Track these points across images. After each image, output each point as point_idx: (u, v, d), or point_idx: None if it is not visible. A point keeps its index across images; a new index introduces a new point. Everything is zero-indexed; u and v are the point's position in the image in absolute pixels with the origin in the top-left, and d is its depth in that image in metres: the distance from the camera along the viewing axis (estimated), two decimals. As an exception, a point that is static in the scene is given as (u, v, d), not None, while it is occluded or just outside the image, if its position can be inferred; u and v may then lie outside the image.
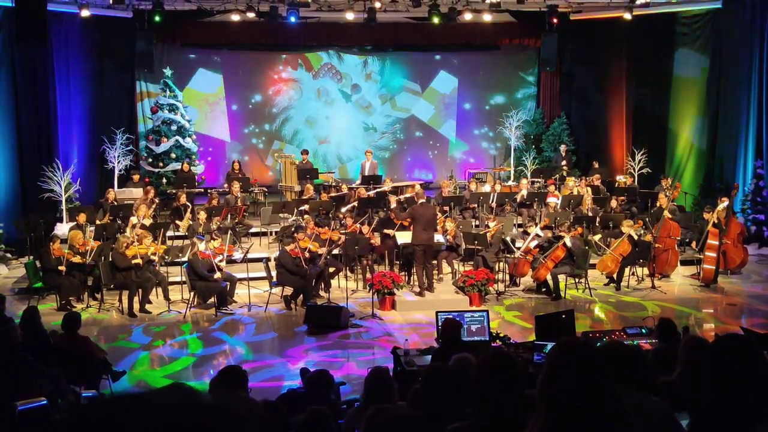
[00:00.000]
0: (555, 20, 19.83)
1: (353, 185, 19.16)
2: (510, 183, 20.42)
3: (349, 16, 19.53)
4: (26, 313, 9.57)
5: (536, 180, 20.18)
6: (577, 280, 14.71)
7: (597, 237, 15.51)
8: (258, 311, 13.72)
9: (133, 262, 13.58)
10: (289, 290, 13.94)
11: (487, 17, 20.07)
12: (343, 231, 15.42)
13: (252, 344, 12.10)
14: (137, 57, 19.76)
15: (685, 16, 20.08)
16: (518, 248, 14.91)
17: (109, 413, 1.48)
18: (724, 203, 15.69)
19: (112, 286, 13.78)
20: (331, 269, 14.87)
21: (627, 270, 15.13)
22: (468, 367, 5.29)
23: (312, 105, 23.77)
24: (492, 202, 17.76)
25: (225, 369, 5.64)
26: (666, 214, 15.64)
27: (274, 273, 13.92)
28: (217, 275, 13.79)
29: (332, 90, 23.89)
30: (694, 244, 16.32)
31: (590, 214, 16.84)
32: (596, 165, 20.74)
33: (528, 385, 3.30)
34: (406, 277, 14.88)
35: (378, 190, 18.04)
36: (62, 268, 13.52)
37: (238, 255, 15.11)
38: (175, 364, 11.15)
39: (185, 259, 14.03)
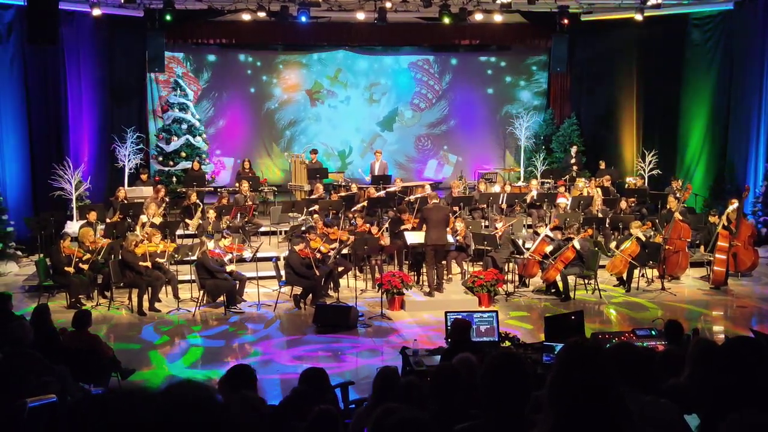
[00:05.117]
0: (566, 21, 19.81)
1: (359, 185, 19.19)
2: (520, 184, 20.39)
3: (360, 16, 19.54)
4: (36, 311, 9.61)
5: (546, 181, 20.14)
6: (586, 281, 14.68)
7: (613, 244, 15.43)
8: (267, 310, 13.75)
9: (142, 264, 13.60)
10: (298, 289, 13.96)
11: (497, 18, 20.05)
12: (353, 230, 15.43)
13: (261, 343, 12.12)
14: (148, 56, 19.81)
15: (697, 17, 20.03)
16: (528, 249, 14.88)
17: (118, 407, 1.48)
18: (733, 205, 15.66)
19: (121, 284, 13.83)
20: (340, 269, 14.87)
21: (637, 272, 15.09)
22: (470, 367, 5.30)
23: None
24: (502, 202, 17.74)
25: (233, 368, 5.64)
26: (677, 215, 15.59)
27: (283, 272, 13.93)
28: (229, 268, 13.83)
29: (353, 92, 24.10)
30: (702, 249, 16.29)
31: (600, 215, 16.80)
32: (603, 165, 20.69)
33: (536, 386, 3.30)
34: (415, 277, 14.88)
35: (388, 190, 18.05)
36: (70, 269, 13.54)
37: (247, 254, 15.14)
38: (184, 363, 11.17)
39: (194, 257, 14.06)
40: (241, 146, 23.19)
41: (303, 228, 15.64)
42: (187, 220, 16.61)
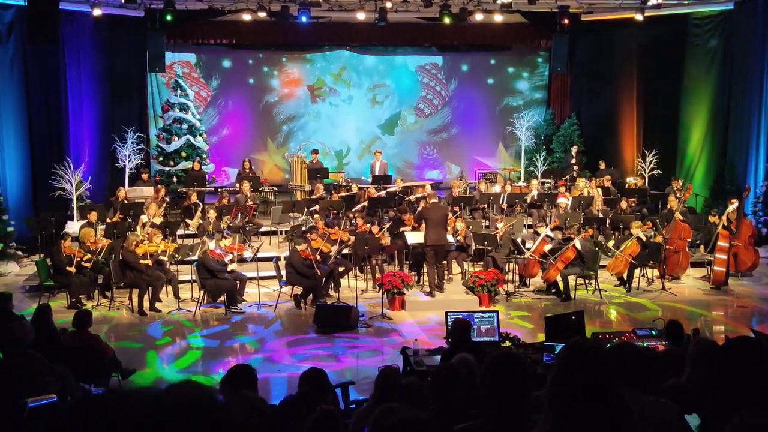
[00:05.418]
0: (566, 21, 19.79)
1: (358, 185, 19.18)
2: (520, 184, 20.40)
3: (360, 16, 19.53)
4: (38, 311, 9.61)
5: (546, 181, 20.14)
6: (587, 281, 14.68)
7: (611, 243, 15.46)
8: (268, 310, 13.75)
9: (142, 262, 13.63)
10: (298, 289, 13.96)
11: (498, 18, 20.04)
12: (352, 230, 15.43)
13: (261, 343, 12.12)
14: (148, 56, 19.81)
15: (697, 17, 20.02)
16: (528, 249, 14.88)
17: (118, 407, 1.48)
18: (733, 205, 15.66)
19: (122, 284, 13.83)
20: (341, 269, 14.88)
21: (637, 272, 15.09)
22: (470, 367, 5.30)
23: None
24: (502, 202, 17.74)
25: (234, 368, 5.65)
26: (677, 215, 15.59)
27: (283, 272, 13.94)
28: (231, 267, 13.85)
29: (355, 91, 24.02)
30: (702, 249, 16.31)
31: (600, 215, 16.81)
32: (602, 165, 20.70)
33: (537, 386, 3.30)
34: (416, 277, 14.88)
35: (389, 189, 18.05)
36: (71, 269, 13.55)
37: (248, 254, 15.14)
38: (185, 363, 11.17)
39: (195, 257, 14.06)
40: (243, 152, 23.13)
41: (304, 228, 15.64)
42: (187, 220, 16.61)
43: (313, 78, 23.73)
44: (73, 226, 16.66)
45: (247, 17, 19.80)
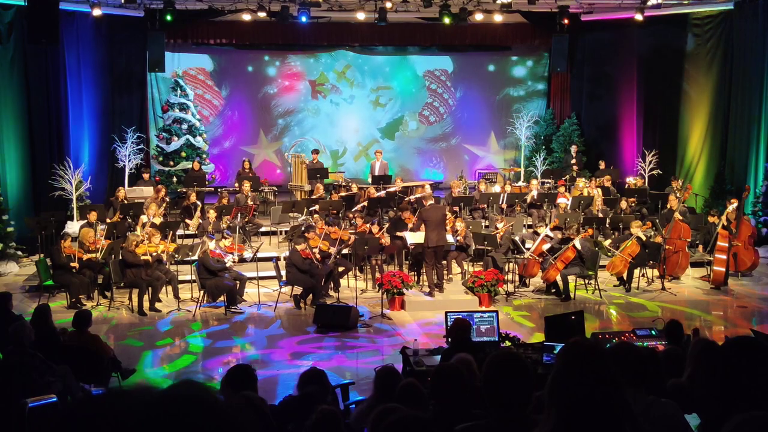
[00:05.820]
0: (566, 21, 19.80)
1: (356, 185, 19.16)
2: (520, 184, 20.39)
3: (360, 16, 19.53)
4: (38, 311, 9.61)
5: (546, 181, 20.14)
6: (586, 281, 14.68)
7: (607, 242, 15.47)
8: (268, 310, 13.75)
9: (142, 258, 13.63)
10: (298, 289, 13.96)
11: (498, 18, 20.04)
12: (353, 231, 15.43)
13: (261, 343, 12.12)
14: (148, 56, 19.81)
15: (697, 17, 20.01)
16: (528, 249, 14.88)
17: (117, 407, 1.48)
18: (733, 205, 15.67)
19: (122, 284, 13.83)
20: (341, 269, 14.88)
21: (637, 271, 15.09)
22: (470, 367, 5.30)
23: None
24: (502, 202, 17.74)
25: (234, 368, 5.65)
26: (677, 215, 15.59)
27: (283, 272, 13.93)
28: (229, 264, 13.85)
29: (358, 91, 23.91)
30: (701, 248, 16.31)
31: (600, 215, 16.81)
32: (602, 165, 20.71)
33: (537, 386, 3.30)
34: (415, 277, 14.88)
35: (388, 189, 18.04)
36: (74, 264, 13.58)
37: (248, 254, 15.15)
38: (184, 363, 11.16)
39: (195, 257, 14.06)
40: (238, 146, 23.09)
41: (303, 228, 15.64)
42: (187, 220, 16.62)
43: (316, 73, 23.59)
44: (73, 226, 16.65)
45: (247, 17, 19.81)
